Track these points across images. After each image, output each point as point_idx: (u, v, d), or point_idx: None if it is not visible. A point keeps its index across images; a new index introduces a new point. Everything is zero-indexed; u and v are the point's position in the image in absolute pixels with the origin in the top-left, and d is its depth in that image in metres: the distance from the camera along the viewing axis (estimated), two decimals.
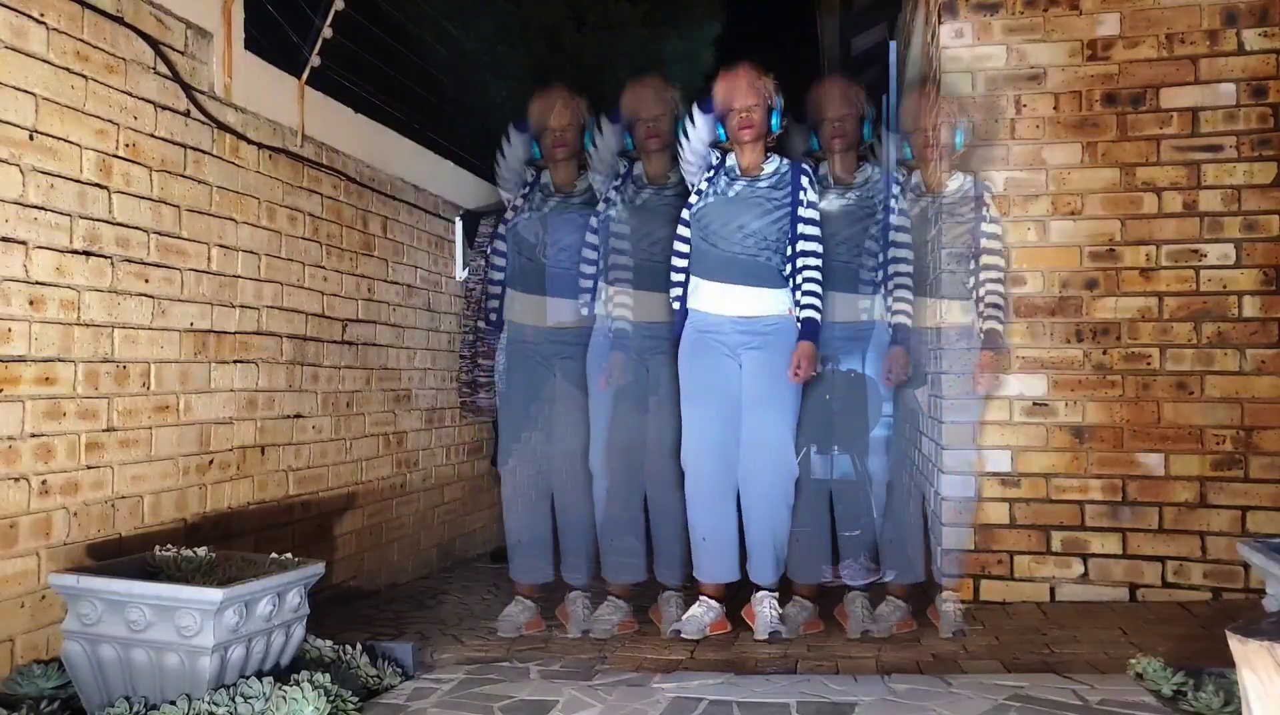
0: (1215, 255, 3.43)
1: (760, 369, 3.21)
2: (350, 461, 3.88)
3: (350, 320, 3.88)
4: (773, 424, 3.21)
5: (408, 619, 3.59)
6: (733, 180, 3.26)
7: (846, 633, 3.23)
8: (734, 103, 3.19)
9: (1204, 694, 2.25)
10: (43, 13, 2.48)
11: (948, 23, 3.59)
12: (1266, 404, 3.37)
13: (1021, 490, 3.50)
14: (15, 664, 2.37)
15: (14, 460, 2.38)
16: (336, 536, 3.76)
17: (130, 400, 2.74)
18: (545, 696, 2.45)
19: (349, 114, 3.92)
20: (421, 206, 4.52)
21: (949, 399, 3.53)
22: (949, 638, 3.10)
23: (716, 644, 3.20)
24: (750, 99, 3.18)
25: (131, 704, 2.17)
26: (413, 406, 4.39)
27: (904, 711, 2.31)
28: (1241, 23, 3.42)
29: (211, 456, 3.07)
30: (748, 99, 3.18)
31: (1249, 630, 1.56)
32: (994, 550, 3.50)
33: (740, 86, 3.18)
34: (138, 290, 2.77)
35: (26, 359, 2.42)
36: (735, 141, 3.26)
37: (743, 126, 3.20)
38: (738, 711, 2.33)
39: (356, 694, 2.35)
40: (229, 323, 3.16)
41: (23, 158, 2.41)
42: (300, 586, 2.48)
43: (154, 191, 2.85)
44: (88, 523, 2.59)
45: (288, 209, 3.49)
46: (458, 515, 4.82)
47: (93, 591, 2.25)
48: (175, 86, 2.94)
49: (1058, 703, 2.32)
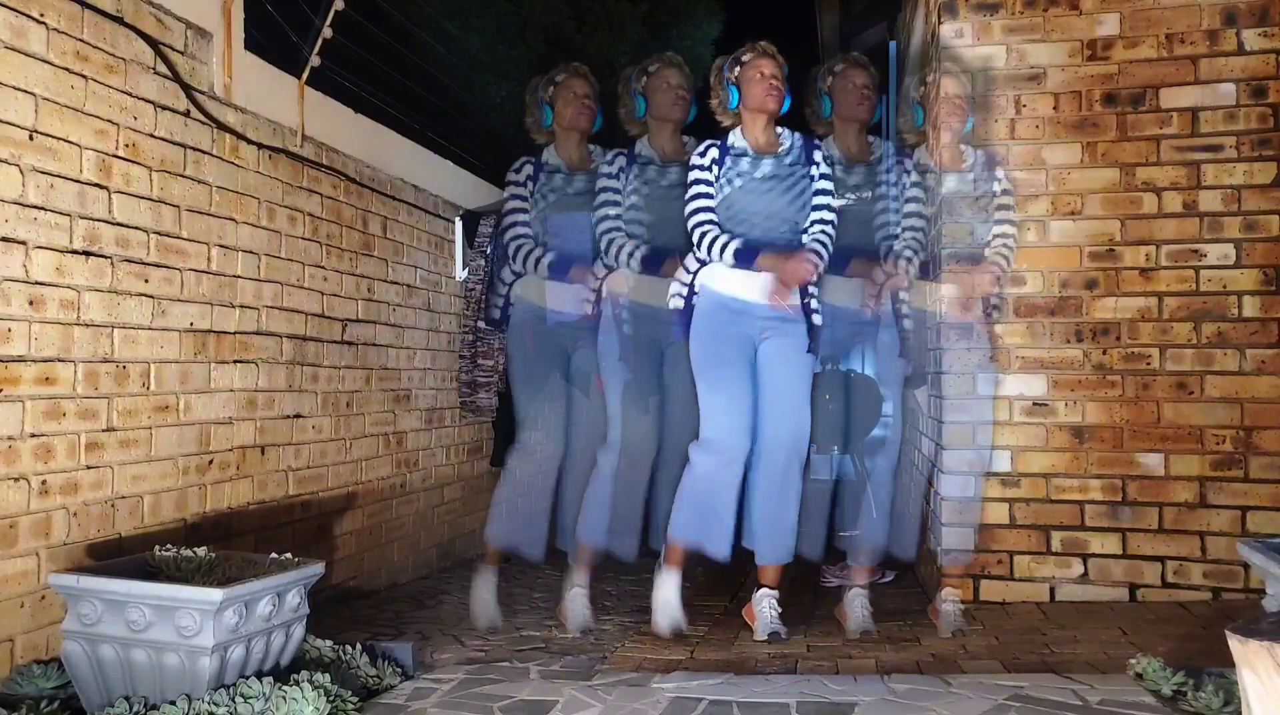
0: (1215, 255, 3.43)
1: (782, 353, 3.18)
2: (350, 461, 3.88)
3: (350, 320, 3.88)
4: (797, 408, 3.20)
5: (408, 619, 3.59)
6: (756, 160, 3.19)
7: (846, 633, 3.23)
8: (764, 69, 3.15)
9: (1204, 694, 2.25)
10: (43, 13, 2.48)
11: (948, 22, 3.59)
12: (1266, 404, 3.37)
13: (1021, 490, 3.50)
14: (15, 664, 2.37)
15: (14, 460, 2.38)
16: (336, 536, 3.76)
17: (130, 400, 2.74)
18: (545, 696, 2.45)
19: (349, 114, 3.92)
20: (421, 206, 4.52)
21: (949, 399, 3.53)
22: (949, 637, 3.10)
23: (716, 644, 3.20)
24: (778, 69, 3.16)
25: (131, 704, 2.16)
26: (413, 406, 4.39)
27: (904, 711, 2.31)
28: (1241, 23, 3.42)
29: (211, 456, 3.07)
30: (777, 68, 3.16)
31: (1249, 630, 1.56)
32: (994, 550, 3.50)
33: (769, 55, 3.16)
34: (138, 290, 2.77)
35: (26, 359, 2.42)
36: (760, 110, 3.18)
37: (771, 93, 3.15)
38: (738, 711, 2.33)
39: (356, 694, 2.35)
40: (229, 323, 3.16)
41: (23, 158, 2.41)
42: (300, 586, 2.48)
43: (154, 191, 2.85)
44: (88, 523, 2.59)
45: (287, 209, 3.49)
46: (458, 515, 4.82)
47: (93, 591, 2.25)
48: (175, 86, 2.94)
49: (1058, 703, 2.32)
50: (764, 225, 3.14)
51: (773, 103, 3.16)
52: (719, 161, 3.18)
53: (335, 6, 3.69)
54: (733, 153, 3.18)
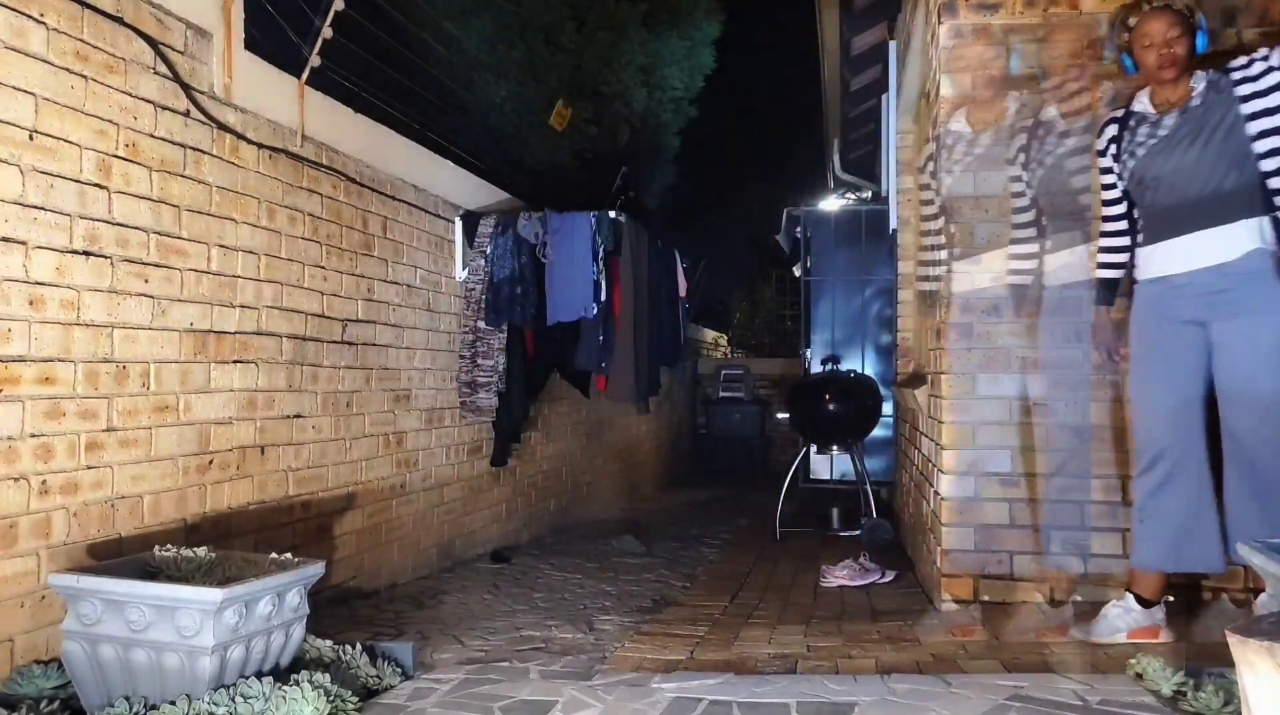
0: None
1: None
2: (350, 461, 3.88)
3: (350, 320, 3.88)
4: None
5: (408, 619, 3.59)
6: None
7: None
8: (1157, 36, 2.92)
9: (1204, 694, 2.25)
10: (43, 13, 2.48)
11: (947, 22, 3.59)
12: None
13: (1021, 490, 3.49)
14: (15, 664, 2.37)
15: (14, 460, 2.38)
16: (336, 536, 3.76)
17: (130, 400, 2.74)
18: (545, 696, 2.45)
19: (349, 114, 3.92)
20: (421, 206, 4.52)
21: (949, 399, 3.53)
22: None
23: (716, 644, 3.20)
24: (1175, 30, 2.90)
25: (131, 704, 2.17)
26: (413, 406, 4.39)
27: (904, 711, 2.31)
28: (1241, 22, 3.41)
29: (211, 456, 3.07)
30: (1170, 30, 2.90)
31: (1249, 630, 1.56)
32: (994, 550, 3.49)
33: (1160, 18, 2.92)
34: (138, 290, 2.78)
35: (26, 359, 2.42)
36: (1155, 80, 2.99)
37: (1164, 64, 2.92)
38: (738, 711, 2.33)
39: (356, 694, 2.36)
40: (229, 323, 3.16)
41: (23, 158, 2.41)
42: (300, 586, 2.48)
43: (154, 191, 2.85)
44: (88, 523, 2.59)
45: (287, 209, 3.49)
46: (458, 515, 4.82)
47: (93, 591, 2.25)
48: (175, 86, 2.94)
49: (1058, 703, 2.32)
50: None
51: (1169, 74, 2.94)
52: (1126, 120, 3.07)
53: (335, 6, 3.69)
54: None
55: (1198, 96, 2.94)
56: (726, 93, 10.07)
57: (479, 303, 4.79)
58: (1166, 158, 2.96)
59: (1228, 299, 2.87)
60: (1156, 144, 2.99)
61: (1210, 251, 2.89)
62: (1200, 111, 2.92)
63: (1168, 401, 3.00)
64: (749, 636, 3.30)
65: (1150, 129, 3.02)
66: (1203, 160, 2.89)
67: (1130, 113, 3.10)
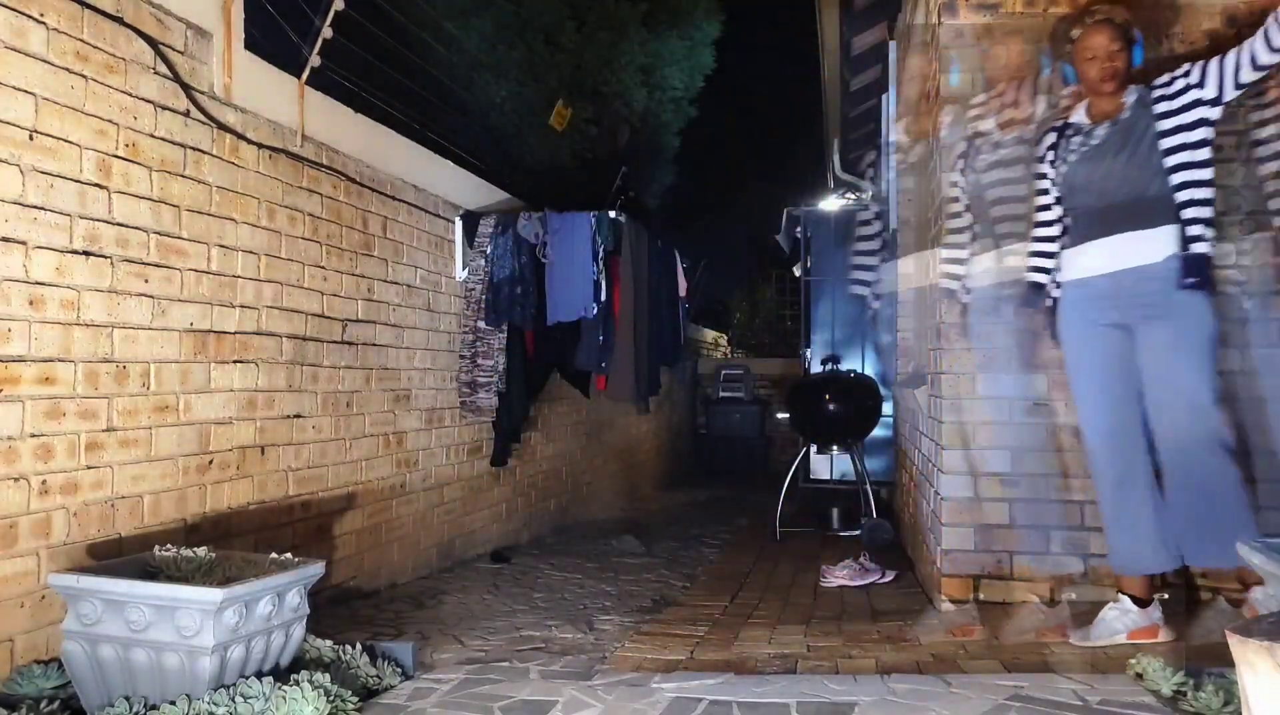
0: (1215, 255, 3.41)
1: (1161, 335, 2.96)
2: (350, 461, 3.87)
3: (350, 320, 3.88)
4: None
5: (408, 619, 3.59)
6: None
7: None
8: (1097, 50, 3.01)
9: (1204, 694, 2.25)
10: (43, 13, 2.48)
11: (947, 22, 3.59)
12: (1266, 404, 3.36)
13: (1021, 490, 3.49)
14: (15, 664, 2.37)
15: (14, 460, 2.38)
16: (336, 536, 3.76)
17: (130, 400, 2.74)
18: (545, 696, 2.45)
19: (349, 114, 3.92)
20: (421, 206, 4.52)
21: (949, 399, 3.53)
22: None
23: (716, 644, 3.20)
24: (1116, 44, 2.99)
25: (131, 704, 2.17)
26: (413, 406, 4.39)
27: (904, 711, 2.31)
28: (1241, 22, 3.41)
29: (211, 456, 3.07)
30: (1112, 44, 2.99)
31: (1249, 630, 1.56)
32: (994, 550, 3.49)
33: (1103, 32, 3.01)
34: (138, 290, 2.78)
35: (26, 359, 2.42)
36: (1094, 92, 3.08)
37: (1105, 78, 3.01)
38: (738, 711, 2.33)
39: (356, 694, 2.36)
40: (229, 323, 3.16)
41: (23, 158, 2.41)
42: (300, 586, 2.48)
43: (154, 191, 2.85)
44: (88, 523, 2.59)
45: (287, 209, 3.49)
46: (458, 515, 4.82)
47: (93, 591, 2.25)
48: (175, 86, 2.94)
49: (1058, 703, 2.32)
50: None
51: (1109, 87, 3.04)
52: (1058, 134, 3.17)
53: (335, 6, 3.69)
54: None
55: (1128, 109, 3.03)
56: (726, 93, 10.07)
57: (479, 303, 4.79)
58: (1096, 165, 3.05)
59: (1149, 302, 2.95)
60: (1088, 152, 3.08)
61: (1132, 253, 2.98)
62: (1128, 124, 3.02)
63: (1105, 411, 3.09)
64: (749, 636, 3.30)
65: (1083, 139, 3.11)
66: (1129, 168, 2.98)
67: (1068, 124, 3.18)
